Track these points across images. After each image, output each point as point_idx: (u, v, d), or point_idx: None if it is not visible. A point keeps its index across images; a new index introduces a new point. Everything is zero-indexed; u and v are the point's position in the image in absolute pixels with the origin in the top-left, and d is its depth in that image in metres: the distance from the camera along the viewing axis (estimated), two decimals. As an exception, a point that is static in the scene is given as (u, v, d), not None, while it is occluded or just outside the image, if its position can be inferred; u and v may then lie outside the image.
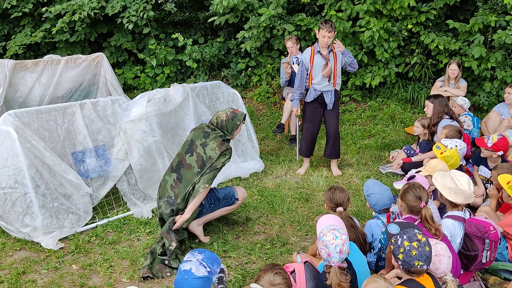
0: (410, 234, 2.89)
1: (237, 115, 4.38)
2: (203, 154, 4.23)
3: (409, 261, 2.81)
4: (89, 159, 4.96)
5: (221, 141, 4.27)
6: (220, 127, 4.36)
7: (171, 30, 9.25)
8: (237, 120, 4.36)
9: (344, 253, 2.93)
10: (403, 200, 3.62)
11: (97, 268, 4.00)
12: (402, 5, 7.17)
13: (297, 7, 8.65)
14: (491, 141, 4.81)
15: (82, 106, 4.98)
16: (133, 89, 9.04)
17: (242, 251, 4.24)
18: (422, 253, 2.80)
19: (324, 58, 5.59)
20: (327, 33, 5.43)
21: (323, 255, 2.96)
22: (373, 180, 4.26)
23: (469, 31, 7.16)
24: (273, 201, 5.21)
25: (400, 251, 2.85)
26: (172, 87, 5.68)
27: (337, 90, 5.75)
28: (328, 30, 5.42)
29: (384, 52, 7.49)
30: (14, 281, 3.78)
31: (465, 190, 3.65)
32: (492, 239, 3.57)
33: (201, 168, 4.22)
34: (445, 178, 3.75)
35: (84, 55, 6.34)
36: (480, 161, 5.10)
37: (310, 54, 5.66)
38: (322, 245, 2.95)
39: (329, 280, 2.91)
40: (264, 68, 8.64)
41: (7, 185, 4.33)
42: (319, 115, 5.85)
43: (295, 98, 5.88)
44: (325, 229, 3.01)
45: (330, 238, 2.92)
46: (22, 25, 9.43)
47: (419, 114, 7.51)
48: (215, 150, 4.21)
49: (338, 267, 2.90)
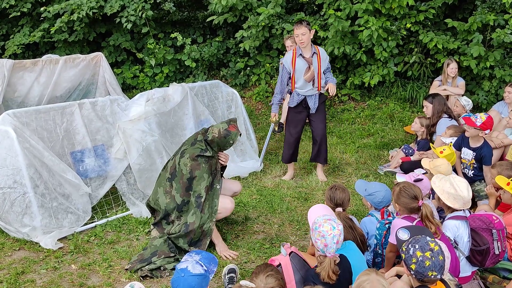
0: (423, 243, 2.77)
1: (231, 134, 4.13)
2: (177, 165, 4.16)
3: (423, 272, 2.71)
4: (88, 159, 4.95)
5: (195, 156, 4.09)
6: (207, 141, 4.18)
7: (170, 30, 9.24)
8: (230, 139, 4.14)
9: (340, 243, 2.93)
10: (399, 204, 3.57)
11: (96, 268, 4.00)
12: (401, 4, 7.17)
13: (295, 6, 8.65)
14: (480, 120, 4.84)
15: (81, 105, 4.97)
16: (132, 89, 9.04)
17: (242, 251, 4.24)
18: (435, 263, 2.70)
19: (306, 62, 5.31)
20: (297, 31, 5.13)
21: (319, 245, 2.94)
22: (362, 180, 4.22)
23: (468, 30, 7.16)
24: (272, 200, 5.21)
25: (413, 261, 2.74)
26: (171, 87, 5.68)
27: (322, 93, 5.46)
28: (297, 28, 5.13)
29: (383, 51, 7.49)
30: (13, 281, 3.77)
31: (465, 196, 3.64)
32: (498, 228, 3.59)
33: (172, 176, 4.17)
34: (444, 183, 3.72)
35: (82, 55, 6.33)
36: (462, 143, 5.11)
37: (291, 57, 5.36)
38: (318, 235, 2.93)
39: (320, 268, 2.90)
40: (263, 68, 8.63)
41: (6, 185, 4.32)
42: (302, 121, 5.60)
43: (274, 103, 5.62)
44: (320, 219, 2.99)
45: (328, 229, 2.92)
46: (21, 24, 9.41)
47: (417, 113, 7.51)
48: (187, 167, 4.09)
49: (333, 258, 2.89)
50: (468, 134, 4.97)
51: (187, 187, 4.12)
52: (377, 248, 3.71)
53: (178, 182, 4.14)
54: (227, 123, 4.21)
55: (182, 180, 4.12)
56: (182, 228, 4.07)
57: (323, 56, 5.42)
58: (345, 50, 7.56)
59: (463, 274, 3.63)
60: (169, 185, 4.19)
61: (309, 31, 5.22)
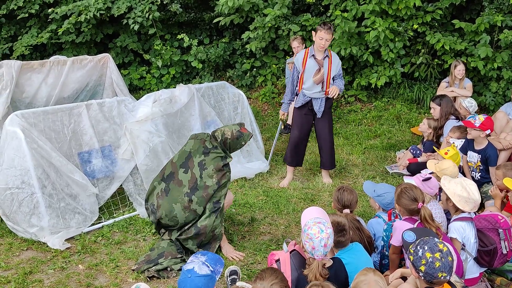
0: (431, 244, 2.73)
1: (244, 135, 4.19)
2: (198, 178, 4.02)
3: (432, 273, 2.67)
4: (95, 160, 4.98)
5: (221, 167, 4.04)
6: (222, 144, 4.15)
7: (177, 31, 9.27)
8: (242, 141, 4.18)
9: (328, 247, 2.92)
10: (400, 205, 3.58)
11: (103, 268, 4.02)
12: (408, 5, 7.15)
13: (302, 7, 8.65)
14: (478, 121, 4.82)
15: (88, 106, 5.00)
16: (138, 90, 9.07)
17: (248, 252, 4.24)
18: (445, 264, 2.66)
19: (317, 63, 5.28)
20: (325, 35, 5.09)
21: (307, 248, 2.95)
22: (370, 181, 4.22)
23: (475, 31, 7.13)
24: (279, 201, 5.21)
25: (422, 263, 2.69)
26: (177, 88, 5.70)
27: (329, 98, 5.38)
28: (326, 32, 5.09)
29: (390, 52, 7.47)
30: (21, 281, 3.80)
31: (476, 199, 3.63)
32: (504, 228, 3.57)
33: (192, 190, 4.02)
34: (455, 186, 3.68)
35: (90, 56, 6.35)
36: (468, 146, 5.08)
37: (303, 56, 5.35)
38: (307, 238, 2.94)
39: (307, 271, 2.91)
40: (269, 69, 8.64)
41: (14, 185, 4.35)
42: (308, 123, 5.54)
43: (284, 102, 5.65)
44: (310, 221, 2.99)
45: (316, 232, 2.92)
46: (29, 26, 9.48)
47: (424, 114, 7.48)
48: (213, 178, 4.01)
49: (321, 261, 2.89)
50: (470, 136, 4.96)
51: (210, 197, 4.06)
52: (384, 249, 3.70)
53: (200, 196, 4.02)
54: (238, 125, 4.25)
55: (206, 193, 4.02)
56: (193, 231, 4.05)
57: (335, 61, 5.38)
58: (351, 51, 7.55)
59: (471, 276, 3.61)
60: (188, 200, 4.02)
61: (332, 37, 5.28)
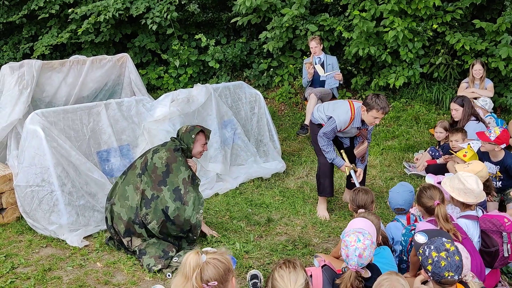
0: (438, 243, 2.76)
1: (194, 129, 4.37)
2: (149, 159, 4.21)
3: (439, 273, 2.68)
4: (114, 158, 5.02)
5: (172, 150, 4.23)
6: (179, 138, 4.38)
7: (194, 31, 9.31)
8: (192, 133, 4.32)
9: (364, 259, 2.85)
10: (419, 204, 3.57)
11: (121, 266, 4.05)
12: (427, 4, 7.07)
13: (320, 7, 8.61)
14: (494, 135, 4.60)
15: (107, 106, 5.05)
16: (156, 89, 9.13)
17: (264, 252, 4.23)
18: (451, 263, 2.68)
19: (361, 135, 4.80)
20: (381, 115, 4.41)
21: (342, 254, 2.93)
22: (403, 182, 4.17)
23: (496, 31, 7.02)
24: (295, 202, 5.20)
25: (429, 262, 2.72)
26: (195, 88, 5.72)
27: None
28: (383, 112, 4.39)
29: (409, 52, 7.39)
30: (40, 278, 3.85)
31: (474, 189, 3.59)
32: (508, 231, 3.51)
33: (142, 170, 4.18)
34: (453, 181, 3.71)
35: (109, 56, 6.43)
36: (483, 158, 4.91)
37: (347, 123, 4.66)
38: (343, 244, 2.92)
39: (340, 280, 2.86)
40: (286, 69, 8.62)
41: (34, 183, 4.42)
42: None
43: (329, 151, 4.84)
44: (351, 230, 2.98)
45: (352, 240, 2.89)
46: (49, 26, 9.63)
47: (443, 115, 7.39)
48: (162, 160, 4.17)
49: (355, 271, 2.85)
50: (484, 149, 4.76)
51: (160, 181, 4.14)
52: (402, 254, 3.66)
53: (149, 176, 4.16)
54: (199, 126, 4.48)
55: (155, 174, 4.15)
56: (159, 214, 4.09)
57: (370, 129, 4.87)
58: (369, 51, 7.49)
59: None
60: (139, 181, 4.18)
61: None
